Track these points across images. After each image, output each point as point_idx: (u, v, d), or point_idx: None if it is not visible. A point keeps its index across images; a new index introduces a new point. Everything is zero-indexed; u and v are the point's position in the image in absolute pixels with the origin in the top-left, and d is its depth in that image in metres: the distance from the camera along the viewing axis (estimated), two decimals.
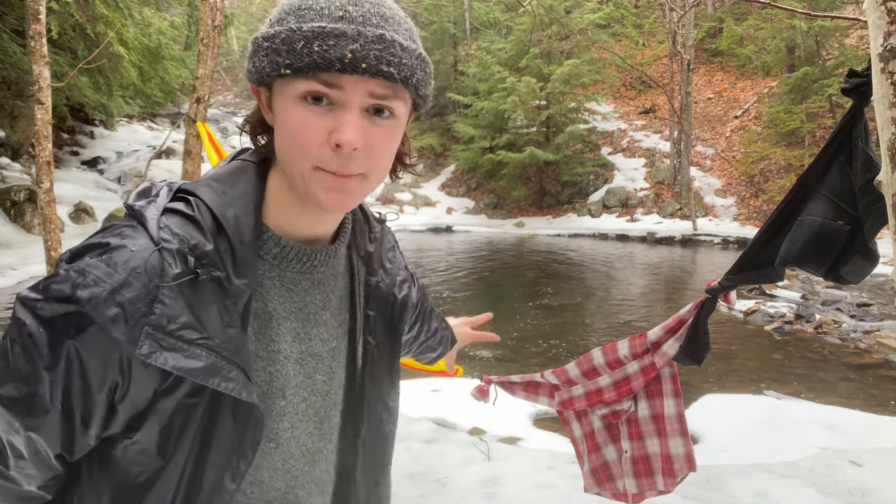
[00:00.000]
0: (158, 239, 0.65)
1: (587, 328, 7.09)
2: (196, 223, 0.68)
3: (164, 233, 0.66)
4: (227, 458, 0.71)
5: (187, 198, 0.70)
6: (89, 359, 0.62)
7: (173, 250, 0.65)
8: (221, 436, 0.70)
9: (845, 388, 4.89)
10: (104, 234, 0.66)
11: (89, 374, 0.62)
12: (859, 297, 7.79)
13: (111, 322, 0.61)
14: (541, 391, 2.36)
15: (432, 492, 2.89)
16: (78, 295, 0.61)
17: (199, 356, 0.65)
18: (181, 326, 0.64)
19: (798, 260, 1.66)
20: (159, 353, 0.63)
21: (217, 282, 0.67)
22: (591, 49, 18.41)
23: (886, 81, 1.11)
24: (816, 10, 13.20)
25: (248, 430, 0.71)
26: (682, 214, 15.54)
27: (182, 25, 15.04)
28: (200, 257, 0.66)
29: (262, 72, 0.67)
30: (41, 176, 4.36)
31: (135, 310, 0.62)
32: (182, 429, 0.68)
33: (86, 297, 0.61)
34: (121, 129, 21.13)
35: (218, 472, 0.70)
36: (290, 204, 0.75)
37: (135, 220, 0.68)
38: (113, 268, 0.62)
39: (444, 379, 4.49)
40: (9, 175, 14.00)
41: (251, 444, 0.72)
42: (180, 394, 0.66)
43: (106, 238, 0.65)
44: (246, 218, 0.71)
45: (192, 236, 0.67)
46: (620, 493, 2.19)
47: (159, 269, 0.64)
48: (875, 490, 2.93)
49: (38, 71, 4.33)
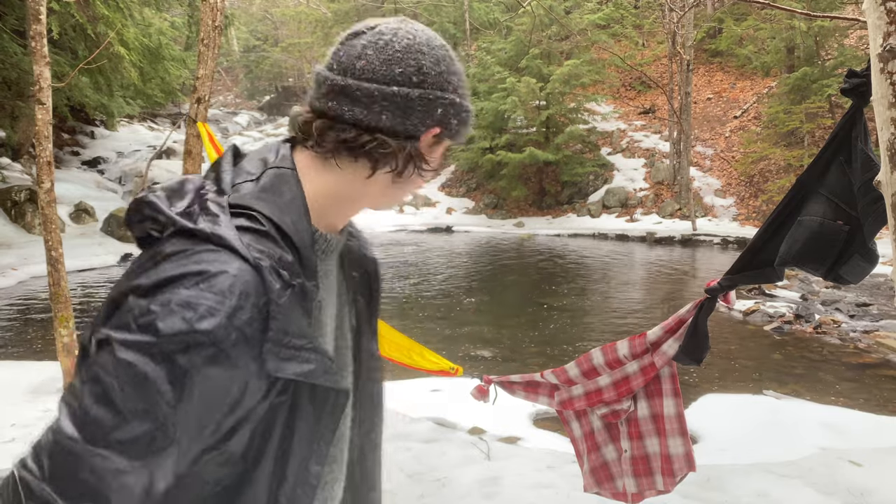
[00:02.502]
0: (253, 259, 0.67)
1: (587, 328, 7.09)
2: (270, 237, 0.71)
3: (252, 251, 0.67)
4: (309, 445, 0.76)
5: (249, 213, 0.72)
6: (214, 386, 0.64)
7: (268, 267, 0.67)
8: (302, 425, 0.74)
9: (845, 388, 4.89)
10: (185, 263, 0.65)
11: (213, 401, 0.65)
12: (859, 297, 7.80)
13: (233, 347, 0.64)
14: (540, 391, 2.36)
15: (432, 491, 2.90)
16: (197, 327, 0.62)
17: (310, 359, 0.71)
18: (292, 336, 0.69)
19: (797, 260, 1.66)
20: (282, 364, 0.68)
21: (301, 288, 0.71)
22: (590, 49, 18.42)
23: (886, 81, 1.11)
24: (816, 11, 13.20)
25: (325, 413, 0.76)
26: (682, 214, 15.55)
27: (182, 26, 15.03)
28: (287, 269, 0.70)
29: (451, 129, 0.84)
30: (42, 176, 4.36)
31: (253, 331, 0.65)
32: (268, 428, 0.71)
33: (206, 329, 0.62)
34: (121, 129, 21.15)
35: (302, 460, 0.75)
36: (334, 204, 0.83)
37: (211, 243, 0.67)
38: (221, 295, 0.64)
39: (444, 379, 4.49)
40: (9, 175, 14.01)
41: (330, 426, 0.77)
42: (272, 395, 0.70)
43: (194, 267, 0.65)
44: (301, 223, 0.76)
45: (272, 251, 0.70)
46: (620, 492, 2.20)
47: (263, 287, 0.66)
48: (874, 490, 2.94)
49: (38, 71, 4.33)
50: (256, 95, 34.12)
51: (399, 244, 14.66)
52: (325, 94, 0.79)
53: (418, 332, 6.39)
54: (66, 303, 4.49)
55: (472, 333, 6.70)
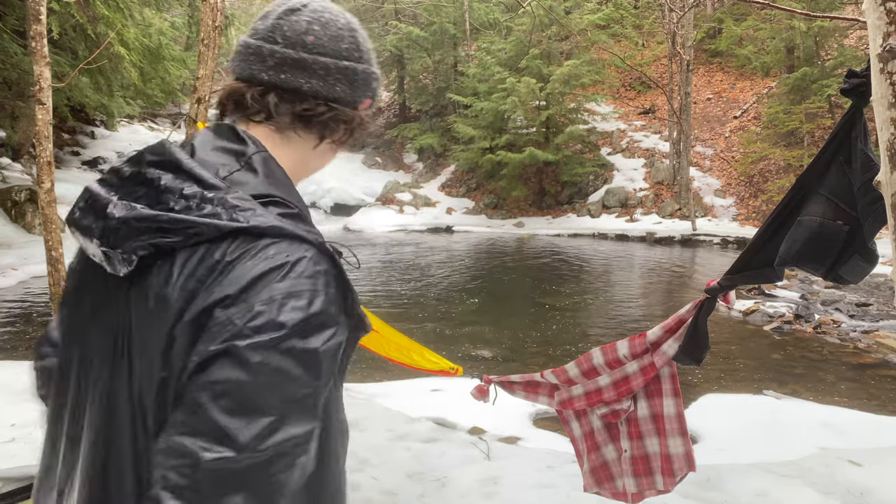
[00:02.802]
0: (315, 240, 0.72)
1: (587, 328, 7.09)
2: (301, 216, 0.76)
3: (310, 235, 0.72)
4: (340, 395, 0.84)
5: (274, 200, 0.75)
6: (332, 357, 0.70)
7: (325, 243, 0.73)
8: (341, 377, 0.81)
9: (844, 388, 4.89)
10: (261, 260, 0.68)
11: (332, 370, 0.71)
12: (859, 297, 7.80)
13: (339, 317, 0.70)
14: (540, 391, 2.36)
15: (432, 491, 2.90)
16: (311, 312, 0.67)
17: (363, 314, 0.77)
18: (355, 296, 0.75)
19: (797, 260, 1.66)
20: (357, 322, 0.75)
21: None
22: (590, 50, 18.41)
23: (885, 82, 1.12)
24: (816, 11, 13.21)
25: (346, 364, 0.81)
26: (682, 214, 15.55)
27: (182, 26, 15.03)
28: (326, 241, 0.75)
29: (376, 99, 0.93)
30: (42, 176, 4.37)
31: (342, 299, 0.72)
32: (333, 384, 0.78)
33: (318, 310, 0.67)
34: (122, 129, 21.13)
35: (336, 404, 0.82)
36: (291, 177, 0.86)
37: (268, 236, 0.69)
38: (312, 278, 0.68)
39: (444, 379, 4.49)
40: (10, 175, 14.00)
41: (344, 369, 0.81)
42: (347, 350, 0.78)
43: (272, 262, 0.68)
44: (301, 200, 0.81)
45: (313, 228, 0.75)
46: (620, 492, 2.20)
47: (331, 261, 0.72)
48: (874, 489, 2.94)
49: (38, 71, 4.34)
50: None
51: (399, 244, 14.66)
52: (275, 67, 0.81)
53: (418, 333, 6.39)
54: None
55: (472, 333, 6.70)
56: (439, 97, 21.80)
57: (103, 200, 0.73)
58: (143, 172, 0.74)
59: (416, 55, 21.42)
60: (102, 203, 0.73)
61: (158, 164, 0.74)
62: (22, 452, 3.32)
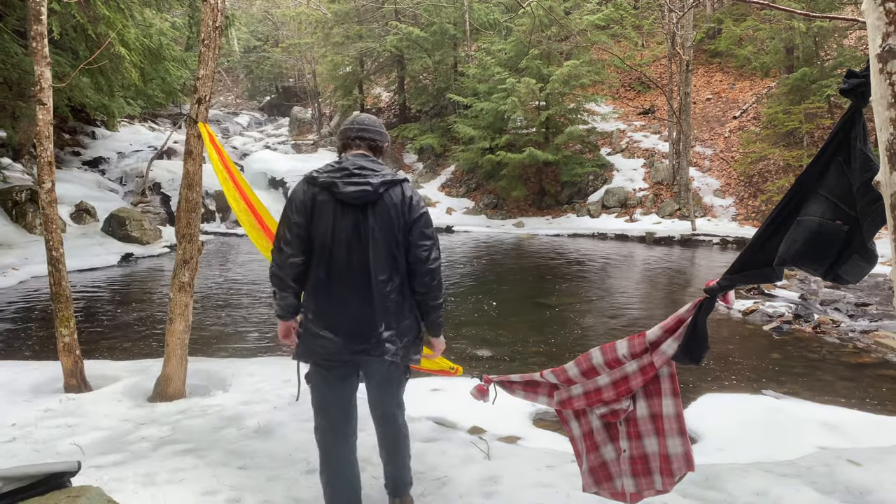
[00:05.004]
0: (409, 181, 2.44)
1: (587, 328, 7.10)
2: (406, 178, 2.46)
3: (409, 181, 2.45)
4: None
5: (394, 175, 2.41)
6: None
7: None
8: None
9: (844, 388, 4.90)
10: (410, 187, 2.40)
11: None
12: (858, 297, 7.80)
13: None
14: (540, 390, 2.37)
15: (432, 490, 2.90)
16: (427, 208, 2.45)
17: None
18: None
19: (796, 260, 1.67)
20: None
21: None
22: (590, 50, 18.42)
23: (885, 82, 1.12)
24: (815, 11, 13.21)
25: None
26: (681, 214, 15.56)
27: (183, 26, 15.01)
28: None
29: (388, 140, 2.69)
30: (43, 176, 4.37)
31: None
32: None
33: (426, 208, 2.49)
34: (122, 129, 21.16)
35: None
36: None
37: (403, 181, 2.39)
38: (419, 196, 2.44)
39: (444, 378, 4.49)
40: (10, 175, 14.02)
41: None
42: None
43: (410, 190, 2.38)
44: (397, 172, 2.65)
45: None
46: (619, 492, 2.20)
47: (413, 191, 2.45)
48: (873, 489, 2.94)
49: (39, 71, 4.34)
50: (257, 96, 34.13)
51: None
52: (374, 136, 2.45)
53: None
54: (67, 302, 4.50)
55: (472, 333, 6.70)
56: (439, 97, 21.81)
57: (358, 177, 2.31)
58: (353, 171, 2.32)
59: (416, 55, 21.42)
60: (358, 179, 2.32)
61: (361, 169, 2.33)
62: (22, 452, 3.32)
